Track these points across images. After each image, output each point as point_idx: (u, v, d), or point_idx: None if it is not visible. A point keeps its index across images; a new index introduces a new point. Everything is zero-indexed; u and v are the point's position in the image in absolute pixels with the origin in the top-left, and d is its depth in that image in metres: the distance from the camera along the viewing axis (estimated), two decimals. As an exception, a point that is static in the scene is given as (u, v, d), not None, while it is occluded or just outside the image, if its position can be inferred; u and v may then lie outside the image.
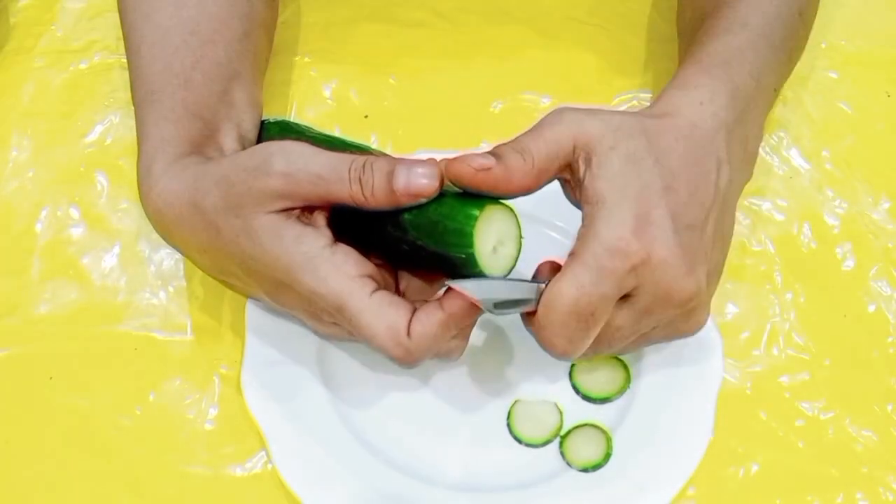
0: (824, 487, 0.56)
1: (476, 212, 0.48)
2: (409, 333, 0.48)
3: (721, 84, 0.53)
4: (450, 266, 0.50)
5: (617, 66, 0.71)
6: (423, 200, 0.48)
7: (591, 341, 0.49)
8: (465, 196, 0.49)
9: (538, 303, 0.48)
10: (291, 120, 0.59)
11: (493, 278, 0.49)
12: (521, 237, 0.50)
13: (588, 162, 0.49)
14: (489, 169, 0.48)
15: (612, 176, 0.48)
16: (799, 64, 0.72)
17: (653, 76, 0.71)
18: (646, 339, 0.52)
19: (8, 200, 0.65)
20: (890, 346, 0.61)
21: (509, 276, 0.50)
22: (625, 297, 0.49)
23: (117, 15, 0.62)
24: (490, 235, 0.48)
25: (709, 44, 0.56)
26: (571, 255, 0.48)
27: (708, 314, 0.52)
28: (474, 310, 0.49)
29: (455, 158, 0.48)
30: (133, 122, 0.67)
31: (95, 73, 0.70)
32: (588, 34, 0.73)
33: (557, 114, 0.50)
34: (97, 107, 0.69)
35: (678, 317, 0.50)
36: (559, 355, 0.49)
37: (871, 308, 0.62)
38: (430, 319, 0.48)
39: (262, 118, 0.60)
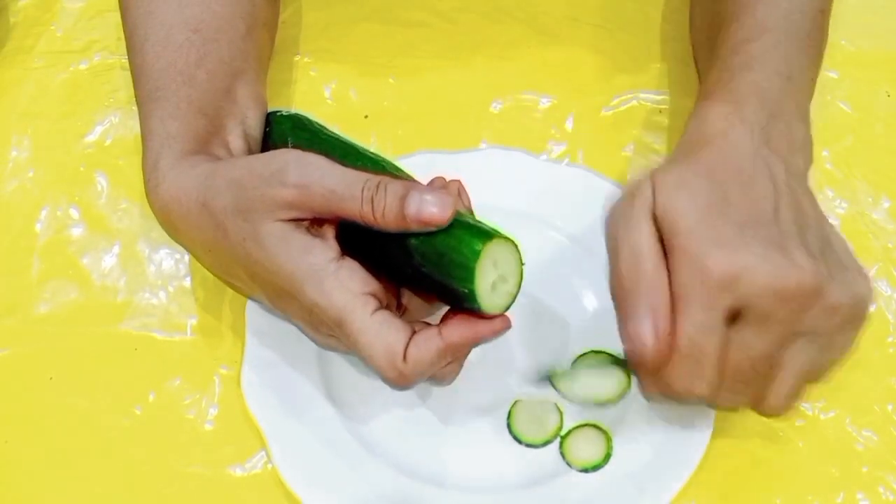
0: (824, 487, 0.56)
1: (479, 246, 0.48)
2: (405, 357, 0.48)
3: (744, 93, 0.53)
4: (451, 296, 0.50)
5: (617, 66, 0.71)
6: (433, 229, 0.48)
7: (711, 374, 0.47)
8: (472, 228, 0.49)
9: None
10: (304, 115, 0.59)
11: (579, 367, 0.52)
12: (522, 274, 0.50)
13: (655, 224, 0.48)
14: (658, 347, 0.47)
15: (671, 215, 0.48)
16: (799, 64, 0.72)
17: (653, 76, 0.71)
18: (808, 355, 0.48)
19: (8, 200, 0.65)
20: (890, 346, 0.61)
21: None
22: (738, 318, 0.47)
23: (117, 15, 0.62)
24: (491, 271, 0.49)
25: (728, 57, 0.57)
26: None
27: (853, 288, 0.48)
28: (472, 340, 0.49)
29: (632, 339, 0.47)
30: (133, 122, 0.67)
31: (95, 74, 0.70)
32: (588, 34, 0.73)
33: (620, 219, 0.49)
34: (97, 107, 0.69)
35: (815, 311, 0.47)
36: (685, 398, 0.48)
37: (871, 308, 0.62)
38: (427, 346, 0.49)
39: (274, 110, 0.59)
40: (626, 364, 0.58)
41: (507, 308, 0.50)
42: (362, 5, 0.73)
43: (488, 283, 0.49)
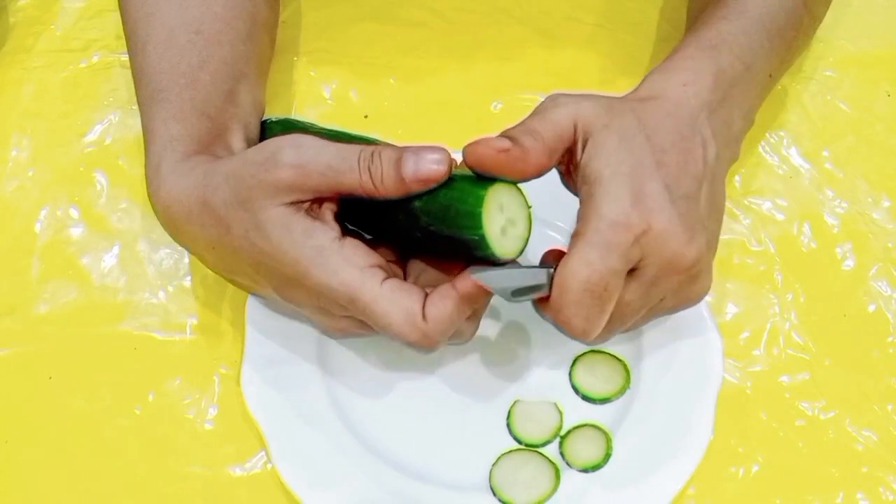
0: (824, 487, 0.56)
1: (482, 191, 0.48)
2: (424, 317, 0.48)
3: (705, 67, 0.55)
4: (463, 249, 0.50)
5: (617, 66, 0.71)
6: (433, 186, 0.49)
7: (606, 317, 0.49)
8: (473, 179, 0.49)
9: (550, 287, 0.49)
10: (294, 117, 0.59)
11: (505, 266, 0.49)
12: (530, 218, 0.50)
13: (584, 143, 0.50)
14: (508, 150, 0.49)
15: (607, 154, 0.50)
16: (799, 63, 0.72)
17: (653, 76, 0.71)
18: (654, 313, 0.53)
19: (8, 200, 0.65)
20: (890, 346, 0.61)
21: (523, 264, 0.51)
22: (631, 272, 0.49)
23: (117, 14, 0.62)
24: (498, 215, 0.49)
25: (702, 30, 0.59)
26: (575, 234, 0.49)
27: (711, 280, 0.53)
28: (487, 288, 0.49)
29: (475, 141, 0.49)
30: (133, 122, 0.67)
31: (95, 73, 0.70)
32: (588, 34, 0.73)
33: (553, 99, 0.52)
34: (97, 106, 0.69)
35: (683, 283, 0.51)
36: (578, 336, 0.49)
37: (871, 308, 0.62)
38: (444, 301, 0.49)
39: (264, 118, 0.60)
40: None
41: (520, 253, 0.50)
42: (362, 5, 0.73)
43: (497, 228, 0.49)
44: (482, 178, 0.49)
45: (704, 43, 0.57)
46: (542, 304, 0.50)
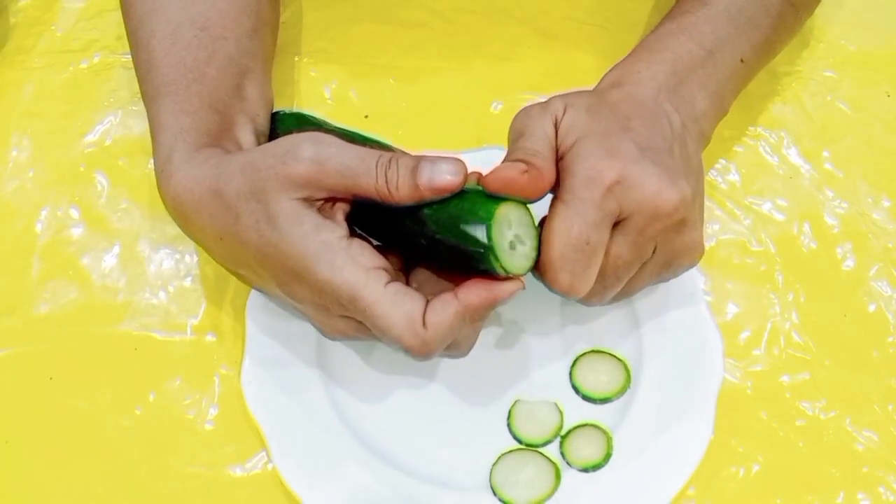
0: (824, 487, 0.56)
1: (494, 205, 0.48)
2: (424, 323, 0.48)
3: (661, 55, 0.58)
4: (467, 260, 0.50)
5: (617, 66, 0.71)
6: (446, 195, 0.49)
7: (594, 271, 0.50)
8: (485, 194, 0.50)
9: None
10: (307, 112, 0.59)
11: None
12: (537, 238, 0.50)
13: (558, 129, 0.52)
14: (528, 171, 0.50)
15: (576, 127, 0.52)
16: (799, 64, 0.72)
17: (653, 76, 0.71)
18: (650, 270, 0.53)
19: (8, 200, 0.65)
20: (890, 346, 0.61)
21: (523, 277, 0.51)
22: (617, 225, 0.50)
23: (117, 14, 0.62)
24: (508, 231, 0.49)
25: (664, 25, 0.61)
26: (553, 199, 0.51)
27: (701, 236, 0.54)
28: (489, 301, 0.49)
29: (497, 168, 0.50)
30: (133, 122, 0.67)
31: (95, 73, 0.70)
32: (588, 34, 0.73)
33: (525, 114, 0.54)
34: (97, 107, 0.69)
35: (670, 231, 0.52)
36: (567, 292, 0.50)
37: (872, 308, 0.62)
38: (445, 309, 0.49)
39: (275, 110, 0.60)
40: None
41: (526, 271, 0.50)
42: (362, 5, 0.73)
43: (506, 242, 0.49)
44: (493, 196, 0.50)
45: (663, 34, 0.59)
46: (535, 269, 0.51)
